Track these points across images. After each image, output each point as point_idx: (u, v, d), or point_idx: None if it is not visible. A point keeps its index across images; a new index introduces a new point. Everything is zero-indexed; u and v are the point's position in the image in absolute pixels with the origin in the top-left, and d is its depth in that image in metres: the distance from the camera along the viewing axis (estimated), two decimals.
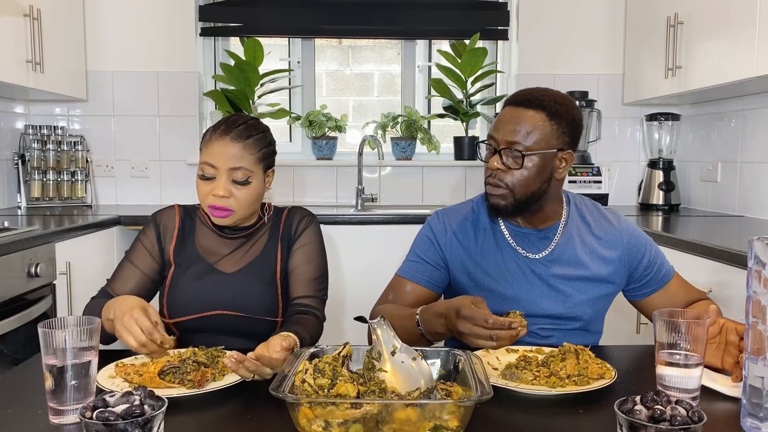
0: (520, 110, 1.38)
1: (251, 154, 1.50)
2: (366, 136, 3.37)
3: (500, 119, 1.41)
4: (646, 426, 0.80)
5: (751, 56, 2.28)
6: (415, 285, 1.48)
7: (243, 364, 1.11)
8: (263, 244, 1.58)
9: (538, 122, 1.37)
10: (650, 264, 1.48)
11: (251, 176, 1.50)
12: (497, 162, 1.39)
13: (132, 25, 3.34)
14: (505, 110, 1.42)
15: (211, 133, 1.51)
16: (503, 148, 1.38)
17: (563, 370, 1.14)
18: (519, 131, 1.37)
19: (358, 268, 2.82)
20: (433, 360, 1.08)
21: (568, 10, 3.42)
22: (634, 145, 3.51)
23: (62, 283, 2.35)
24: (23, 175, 3.12)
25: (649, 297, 1.50)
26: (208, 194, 1.49)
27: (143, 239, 1.58)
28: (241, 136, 1.49)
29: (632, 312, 1.61)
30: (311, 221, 1.63)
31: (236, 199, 1.49)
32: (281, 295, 1.55)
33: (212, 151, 1.49)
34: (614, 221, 1.51)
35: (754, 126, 2.81)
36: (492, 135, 1.41)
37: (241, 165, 1.48)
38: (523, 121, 1.37)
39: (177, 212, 1.61)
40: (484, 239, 1.48)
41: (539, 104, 1.38)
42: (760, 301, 0.92)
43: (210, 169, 1.49)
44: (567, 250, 1.46)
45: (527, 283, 1.45)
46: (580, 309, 1.45)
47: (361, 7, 3.46)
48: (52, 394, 0.98)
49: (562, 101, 1.40)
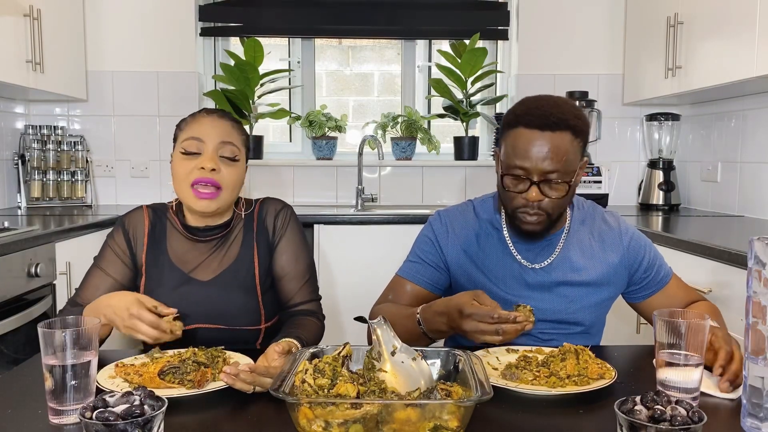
0: (547, 135, 1.30)
1: (239, 134, 1.46)
2: (366, 136, 3.37)
3: (528, 147, 1.31)
4: (647, 426, 0.80)
5: (751, 56, 2.28)
6: (414, 285, 1.48)
7: (239, 377, 1.07)
8: (238, 246, 1.49)
9: (567, 144, 1.31)
10: (650, 266, 1.48)
11: (238, 155, 1.43)
12: (536, 193, 1.33)
13: (132, 25, 3.34)
14: (529, 136, 1.31)
15: (191, 116, 1.46)
16: (542, 180, 1.32)
17: (563, 370, 1.14)
18: (554, 159, 1.30)
19: (358, 268, 2.82)
20: (433, 360, 1.08)
21: (568, 10, 3.42)
22: (634, 145, 3.51)
23: (62, 283, 2.35)
24: (23, 175, 3.12)
25: (648, 299, 1.50)
26: (192, 170, 1.39)
27: (112, 244, 1.49)
28: (227, 116, 1.46)
29: (632, 312, 1.60)
30: (288, 216, 1.54)
31: (224, 176, 1.40)
32: (262, 302, 1.47)
33: (197, 127, 1.42)
34: (613, 224, 1.50)
35: (754, 126, 2.81)
36: (521, 166, 1.32)
37: (231, 140, 1.42)
38: (554, 147, 1.30)
39: (145, 215, 1.51)
40: (486, 244, 1.47)
41: (565, 125, 1.31)
42: (760, 302, 0.92)
43: (195, 144, 1.40)
44: (568, 256, 1.45)
45: (528, 289, 1.44)
46: (581, 314, 1.45)
47: (361, 7, 3.46)
48: (52, 394, 0.98)
49: (579, 114, 1.35)
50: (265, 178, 3.46)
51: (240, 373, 1.07)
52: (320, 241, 2.85)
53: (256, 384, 1.10)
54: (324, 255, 2.86)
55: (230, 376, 1.06)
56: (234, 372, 1.07)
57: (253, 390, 1.10)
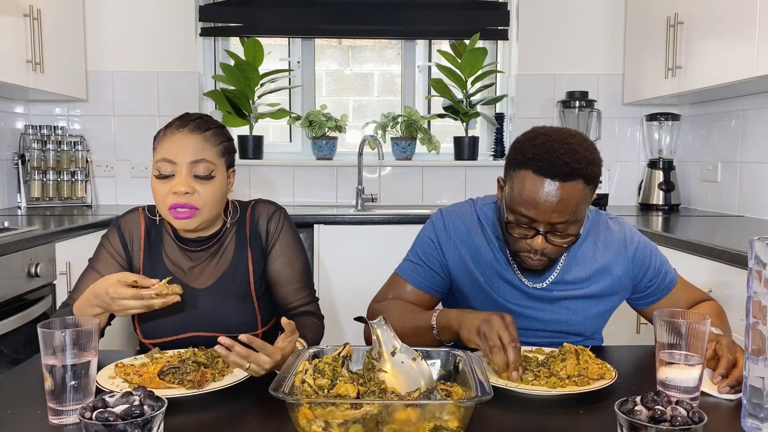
0: (557, 185, 1.21)
1: (213, 146, 1.37)
2: (366, 136, 3.37)
3: (536, 196, 1.22)
4: (647, 426, 0.80)
5: (751, 56, 2.28)
6: (415, 288, 1.45)
7: (234, 350, 1.07)
8: (232, 250, 1.46)
9: (579, 194, 1.23)
10: (655, 275, 1.44)
11: (214, 170, 1.37)
12: (541, 242, 1.26)
13: (132, 25, 3.34)
14: (538, 184, 1.22)
15: (164, 130, 1.38)
16: (548, 231, 1.26)
17: (563, 370, 1.14)
18: (564, 211, 1.22)
19: (357, 268, 2.82)
20: (433, 360, 1.08)
21: (569, 10, 3.41)
22: (634, 145, 3.51)
23: (62, 283, 2.35)
24: (23, 175, 3.12)
25: (654, 305, 1.47)
26: (168, 194, 1.34)
27: (107, 245, 1.46)
28: (200, 128, 1.37)
29: (632, 312, 1.60)
30: (281, 219, 1.50)
31: (200, 196, 1.35)
32: (258, 307, 1.46)
33: (168, 147, 1.35)
34: (618, 232, 1.45)
35: (754, 126, 2.81)
36: (527, 215, 1.25)
37: (203, 157, 1.35)
38: (565, 198, 1.21)
39: (142, 218, 1.49)
40: (488, 255, 1.43)
41: (578, 174, 1.22)
42: (760, 302, 0.92)
43: (167, 166, 1.34)
44: (571, 271, 1.41)
45: (529, 299, 1.42)
46: (584, 325, 1.44)
47: (361, 7, 3.46)
48: (51, 394, 0.98)
49: (594, 158, 1.26)
50: (265, 178, 3.46)
51: (235, 345, 1.07)
52: (320, 241, 2.85)
53: (252, 361, 1.10)
54: (324, 255, 2.86)
55: (225, 348, 1.07)
56: (229, 343, 1.07)
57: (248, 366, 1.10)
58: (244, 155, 3.40)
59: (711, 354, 1.15)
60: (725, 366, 1.12)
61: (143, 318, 1.42)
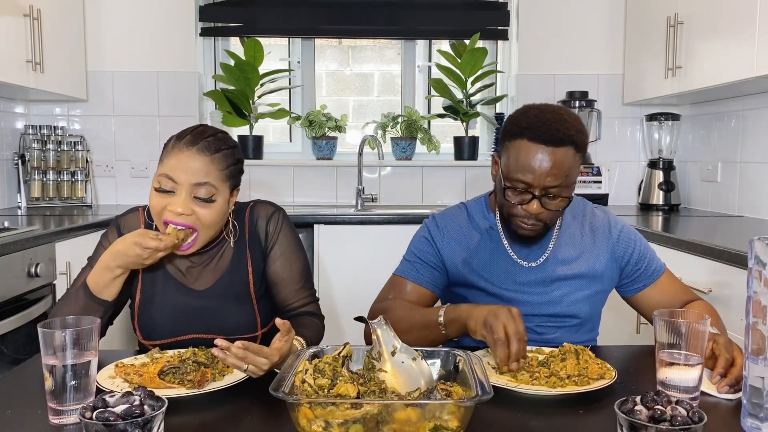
0: (551, 150, 1.31)
1: (219, 170, 1.33)
2: (366, 136, 3.37)
3: (531, 162, 1.32)
4: (647, 426, 0.80)
5: (751, 56, 2.28)
6: (415, 285, 1.48)
7: (230, 351, 1.07)
8: (231, 252, 1.45)
9: (570, 159, 1.33)
10: (640, 258, 1.50)
11: (216, 194, 1.33)
12: (536, 206, 1.35)
13: (132, 25, 3.34)
14: (533, 150, 1.32)
15: (175, 142, 1.34)
16: (543, 195, 1.35)
17: (563, 370, 1.14)
18: (558, 174, 1.32)
19: (357, 268, 2.82)
20: (433, 360, 1.08)
21: (568, 10, 3.42)
22: (634, 145, 3.51)
23: (62, 283, 2.35)
24: (23, 175, 3.12)
25: (642, 292, 1.52)
26: (164, 208, 1.31)
27: (106, 245, 1.43)
28: (209, 149, 1.33)
29: (632, 312, 1.61)
30: (280, 219, 1.49)
31: (198, 218, 1.32)
32: (257, 308, 1.45)
33: (173, 164, 1.31)
34: (603, 217, 1.53)
35: (754, 126, 2.81)
36: (524, 180, 1.34)
37: (207, 181, 1.31)
38: (558, 162, 1.32)
39: (141, 218, 1.47)
40: (480, 245, 1.49)
41: (569, 140, 1.32)
42: (760, 301, 0.92)
43: (169, 182, 1.31)
44: (561, 251, 1.48)
45: (522, 285, 1.47)
46: (577, 307, 1.47)
47: (361, 7, 3.46)
48: (51, 394, 0.98)
49: (581, 128, 1.36)
50: (265, 178, 3.46)
51: (231, 347, 1.07)
52: (320, 241, 2.85)
53: (249, 362, 1.10)
54: (324, 255, 2.86)
55: (222, 350, 1.07)
56: (225, 345, 1.07)
57: (246, 368, 1.10)
58: (244, 155, 3.39)
59: (709, 353, 1.16)
60: (723, 365, 1.13)
61: (142, 319, 1.42)
